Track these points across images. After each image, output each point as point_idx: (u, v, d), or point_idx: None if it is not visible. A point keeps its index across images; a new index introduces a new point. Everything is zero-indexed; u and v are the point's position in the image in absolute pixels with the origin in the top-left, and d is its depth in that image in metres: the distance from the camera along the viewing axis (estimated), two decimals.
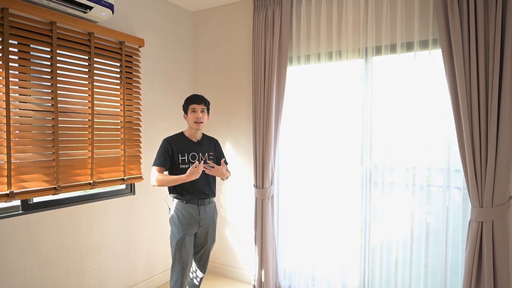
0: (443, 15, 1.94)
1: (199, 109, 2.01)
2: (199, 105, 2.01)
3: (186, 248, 1.97)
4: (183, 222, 1.97)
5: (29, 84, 1.95)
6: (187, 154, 2.02)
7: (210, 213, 2.07)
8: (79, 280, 2.20)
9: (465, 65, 1.89)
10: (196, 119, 2.00)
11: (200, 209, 2.01)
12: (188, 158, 2.02)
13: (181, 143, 2.03)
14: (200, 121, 2.00)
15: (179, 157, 2.00)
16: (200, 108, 2.01)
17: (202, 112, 2.02)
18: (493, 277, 1.87)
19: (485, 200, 1.88)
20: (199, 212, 2.00)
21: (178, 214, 1.98)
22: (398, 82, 2.19)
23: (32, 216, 1.97)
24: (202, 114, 2.02)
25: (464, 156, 1.93)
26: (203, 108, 2.03)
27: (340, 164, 2.39)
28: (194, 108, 2.00)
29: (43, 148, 1.99)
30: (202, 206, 2.02)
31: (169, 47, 2.83)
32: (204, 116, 2.04)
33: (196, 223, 2.00)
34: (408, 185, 2.18)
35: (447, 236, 2.08)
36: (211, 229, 2.09)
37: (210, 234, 2.10)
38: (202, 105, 2.02)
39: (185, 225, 1.97)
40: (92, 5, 2.02)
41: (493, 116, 1.84)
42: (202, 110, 2.02)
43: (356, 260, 2.36)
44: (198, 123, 2.00)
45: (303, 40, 2.43)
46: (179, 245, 1.96)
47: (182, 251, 1.96)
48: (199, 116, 2.00)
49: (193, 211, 1.99)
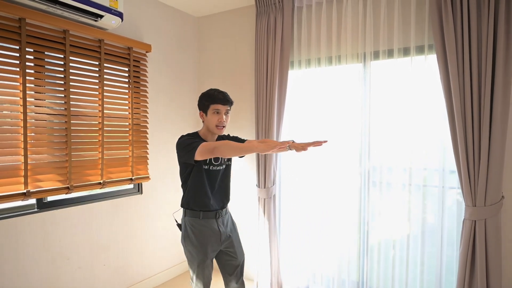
0: (438, 22, 2.01)
1: (224, 111, 1.64)
2: (224, 105, 1.63)
3: (209, 268, 1.72)
4: (202, 242, 1.66)
5: (44, 89, 2.05)
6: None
7: (228, 222, 1.78)
8: (90, 275, 2.29)
9: (459, 70, 1.95)
10: (219, 123, 1.64)
11: (218, 222, 1.72)
12: (211, 159, 1.69)
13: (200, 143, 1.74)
14: (223, 125, 1.65)
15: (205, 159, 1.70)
16: (224, 110, 1.64)
17: (226, 115, 1.66)
18: (485, 273, 1.93)
19: (478, 200, 1.95)
20: (218, 226, 1.71)
21: (195, 232, 1.67)
22: (395, 86, 2.26)
23: (47, 214, 2.07)
24: (227, 116, 1.67)
25: (458, 157, 2.00)
26: (228, 109, 1.67)
27: (340, 165, 2.45)
28: (218, 109, 1.63)
29: (57, 149, 2.08)
30: (220, 218, 1.73)
31: (174, 51, 2.93)
32: (227, 118, 1.68)
33: (218, 239, 1.71)
34: (405, 185, 2.25)
35: (442, 235, 2.15)
36: (235, 241, 1.79)
37: (237, 246, 1.79)
38: (228, 105, 1.65)
39: (205, 244, 1.66)
40: (103, 14, 2.12)
41: (485, 119, 1.90)
42: (226, 112, 1.66)
43: (355, 258, 2.43)
44: (221, 127, 1.65)
45: (304, 45, 2.51)
46: (202, 267, 1.67)
47: (205, 272, 1.69)
48: (223, 120, 1.64)
49: (212, 225, 1.69)
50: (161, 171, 2.81)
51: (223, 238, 1.73)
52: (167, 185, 2.87)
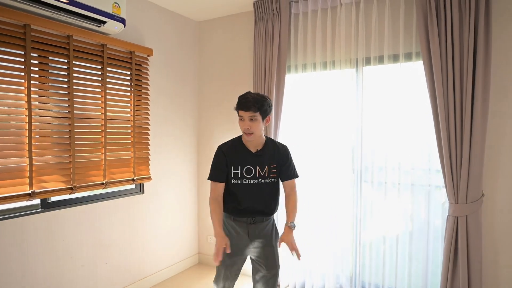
0: (424, 31, 2.13)
1: (247, 117, 1.55)
2: (246, 112, 1.54)
3: (227, 272, 1.72)
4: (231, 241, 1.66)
5: (48, 92, 2.09)
6: (241, 168, 1.64)
7: (265, 233, 1.69)
8: (93, 273, 2.35)
9: (443, 76, 2.09)
10: (243, 129, 1.57)
11: (250, 228, 1.67)
12: (242, 173, 1.62)
13: (237, 153, 1.66)
14: (249, 132, 1.56)
15: (232, 170, 1.64)
16: (248, 116, 1.54)
17: (252, 121, 1.55)
18: (467, 265, 2.07)
19: (460, 197, 2.08)
20: (248, 233, 1.67)
21: (225, 230, 1.68)
22: (385, 90, 2.38)
23: (51, 214, 2.12)
24: (252, 122, 1.55)
25: (442, 157, 2.13)
26: (253, 115, 1.54)
27: (334, 165, 2.56)
28: (241, 116, 1.58)
29: (60, 151, 2.14)
30: (253, 225, 1.66)
31: (175, 55, 2.99)
32: (256, 124, 1.55)
33: (246, 244, 1.69)
34: (394, 184, 2.37)
35: (428, 231, 2.28)
36: (268, 252, 1.69)
37: (268, 258, 1.69)
38: (251, 111, 1.53)
39: (231, 245, 1.65)
40: (106, 20, 2.17)
41: (466, 122, 2.03)
42: (251, 118, 1.54)
43: (348, 254, 2.54)
44: (248, 134, 1.58)
45: (300, 50, 2.60)
46: (222, 265, 1.69)
47: (228, 270, 1.72)
48: (247, 126, 1.55)
49: (242, 230, 1.67)
50: (162, 171, 2.87)
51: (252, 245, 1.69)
52: (168, 185, 2.94)
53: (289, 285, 2.73)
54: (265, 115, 1.60)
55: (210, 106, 3.20)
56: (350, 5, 2.43)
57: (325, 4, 2.49)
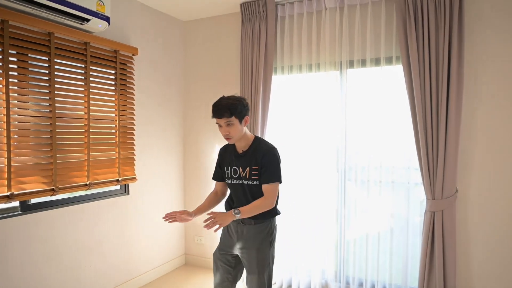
0: (403, 37, 2.24)
1: (224, 123, 1.58)
2: (221, 118, 1.58)
3: (218, 264, 1.77)
4: (223, 235, 1.78)
5: (28, 91, 2.02)
6: (230, 168, 1.71)
7: (250, 235, 1.66)
8: (76, 277, 2.28)
9: (421, 79, 2.20)
10: (224, 136, 1.61)
11: (239, 228, 1.69)
12: (231, 173, 1.70)
13: (228, 154, 1.74)
14: (229, 137, 1.60)
15: (225, 170, 1.74)
16: (224, 122, 1.58)
17: (229, 126, 1.58)
18: (442, 257, 2.21)
19: (436, 193, 2.20)
20: (237, 231, 1.69)
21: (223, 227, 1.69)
22: (368, 92, 2.47)
23: (31, 217, 2.04)
24: (230, 127, 1.58)
25: (420, 156, 2.24)
26: (228, 120, 1.57)
27: (319, 164, 2.62)
28: (218, 123, 1.62)
29: (41, 151, 2.06)
30: (242, 225, 1.68)
31: (161, 55, 2.96)
32: (234, 128, 1.58)
33: (233, 243, 1.72)
34: (376, 182, 2.46)
35: (408, 226, 2.39)
36: (250, 256, 1.67)
37: (249, 261, 1.68)
38: (225, 117, 1.57)
39: (222, 239, 1.78)
40: (90, 18, 2.11)
41: (442, 122, 2.16)
42: (227, 123, 1.58)
43: (333, 250, 2.61)
44: (228, 138, 1.62)
45: (287, 52, 2.65)
46: (214, 257, 1.79)
47: (217, 263, 1.78)
48: (226, 132, 1.59)
49: (233, 228, 1.71)
50: (148, 172, 2.83)
51: (239, 246, 1.70)
52: (153, 186, 2.90)
53: (276, 283, 2.77)
54: (242, 117, 1.61)
55: (196, 107, 3.18)
56: (334, 9, 2.50)
57: (311, 8, 2.55)
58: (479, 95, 2.22)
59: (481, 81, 2.21)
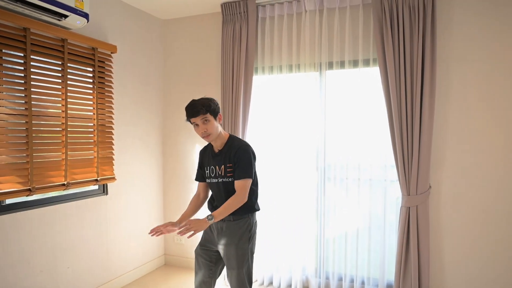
0: (380, 40, 2.38)
1: (200, 121, 1.68)
2: (197, 117, 1.67)
3: (199, 260, 1.84)
4: (204, 232, 1.85)
5: (2, 88, 1.99)
6: (208, 167, 1.80)
7: (229, 231, 1.74)
8: (53, 278, 2.27)
9: (396, 81, 2.34)
10: (202, 134, 1.70)
11: (219, 225, 1.77)
12: (209, 172, 1.79)
13: (207, 154, 1.83)
14: (206, 134, 1.69)
15: (205, 169, 1.82)
16: (200, 120, 1.67)
17: (206, 123, 1.68)
18: (417, 249, 2.36)
19: (411, 189, 2.35)
20: (217, 227, 1.77)
21: None
22: (346, 93, 2.59)
23: (6, 217, 2.02)
24: (206, 125, 1.68)
25: (396, 154, 2.39)
26: (204, 117, 1.67)
27: (299, 163, 2.72)
28: (194, 122, 1.70)
29: (16, 150, 2.04)
30: (222, 222, 1.74)
31: (140, 53, 2.97)
32: (210, 125, 1.68)
33: (214, 239, 1.80)
34: (355, 180, 2.59)
35: (385, 221, 2.53)
36: (229, 251, 1.73)
37: (228, 257, 1.74)
38: (201, 114, 1.66)
39: (203, 235, 1.86)
40: (68, 14, 2.12)
41: (416, 122, 2.31)
42: (204, 120, 1.68)
43: (313, 247, 2.72)
44: (206, 136, 1.71)
45: (267, 53, 2.74)
46: (196, 253, 1.86)
47: (198, 259, 1.85)
48: (203, 130, 1.68)
49: (214, 225, 1.78)
50: (127, 172, 2.84)
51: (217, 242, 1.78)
52: (133, 186, 2.91)
53: (257, 280, 2.85)
54: (215, 114, 1.71)
55: (176, 107, 3.21)
56: (314, 12, 2.61)
57: (291, 10, 2.65)
58: (451, 96, 2.38)
59: (453, 82, 2.37)
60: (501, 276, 2.31)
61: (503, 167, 2.28)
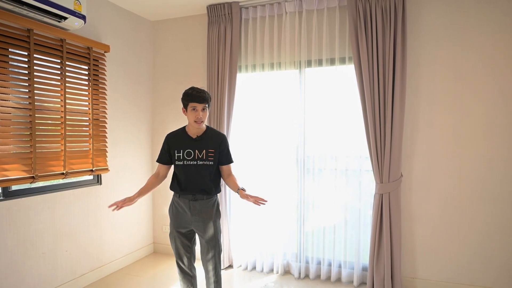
0: (355, 40, 2.80)
1: (200, 108, 2.02)
2: (200, 103, 2.01)
3: (177, 242, 2.15)
4: (175, 215, 2.14)
5: (9, 84, 2.38)
6: (183, 151, 2.09)
7: (204, 209, 2.08)
8: (53, 260, 2.67)
9: (370, 77, 2.76)
10: (197, 119, 2.03)
11: (192, 204, 2.08)
12: (183, 155, 2.08)
13: (179, 139, 2.12)
14: (200, 120, 2.04)
15: (175, 153, 2.10)
16: (201, 107, 2.02)
17: (203, 111, 2.04)
18: (389, 233, 2.77)
19: (384, 177, 2.78)
20: (190, 208, 2.08)
21: (172, 207, 2.16)
22: (324, 89, 3.04)
23: (12, 202, 2.41)
24: (203, 112, 2.04)
25: (370, 145, 2.81)
26: (205, 106, 2.04)
27: (280, 155, 3.16)
28: (195, 106, 2.02)
29: (22, 141, 2.44)
30: (194, 201, 2.08)
31: (131, 53, 3.39)
32: (205, 114, 2.06)
33: (188, 219, 2.10)
34: (332, 170, 3.04)
35: (360, 207, 2.98)
36: (207, 227, 2.08)
37: (207, 233, 2.08)
38: (205, 103, 2.03)
39: (176, 218, 2.13)
40: (67, 16, 2.52)
41: (388, 116, 2.73)
42: (203, 108, 2.04)
43: (294, 233, 3.15)
44: (199, 122, 2.05)
45: (250, 52, 3.18)
46: (172, 236, 2.16)
47: (176, 242, 2.15)
48: (200, 116, 2.03)
49: (185, 206, 2.09)
50: (119, 164, 3.25)
51: (194, 220, 2.08)
52: (125, 177, 3.32)
53: (241, 265, 3.29)
54: (209, 107, 2.12)
55: (165, 103, 3.63)
56: (294, 13, 3.06)
57: (272, 11, 3.10)
58: (420, 91, 2.79)
59: (422, 79, 2.78)
60: (470, 258, 2.71)
61: (468, 156, 2.68)
